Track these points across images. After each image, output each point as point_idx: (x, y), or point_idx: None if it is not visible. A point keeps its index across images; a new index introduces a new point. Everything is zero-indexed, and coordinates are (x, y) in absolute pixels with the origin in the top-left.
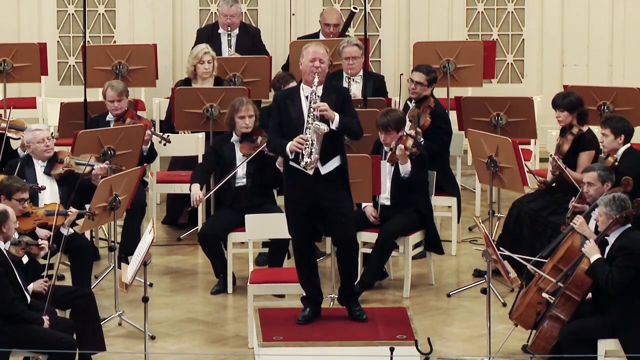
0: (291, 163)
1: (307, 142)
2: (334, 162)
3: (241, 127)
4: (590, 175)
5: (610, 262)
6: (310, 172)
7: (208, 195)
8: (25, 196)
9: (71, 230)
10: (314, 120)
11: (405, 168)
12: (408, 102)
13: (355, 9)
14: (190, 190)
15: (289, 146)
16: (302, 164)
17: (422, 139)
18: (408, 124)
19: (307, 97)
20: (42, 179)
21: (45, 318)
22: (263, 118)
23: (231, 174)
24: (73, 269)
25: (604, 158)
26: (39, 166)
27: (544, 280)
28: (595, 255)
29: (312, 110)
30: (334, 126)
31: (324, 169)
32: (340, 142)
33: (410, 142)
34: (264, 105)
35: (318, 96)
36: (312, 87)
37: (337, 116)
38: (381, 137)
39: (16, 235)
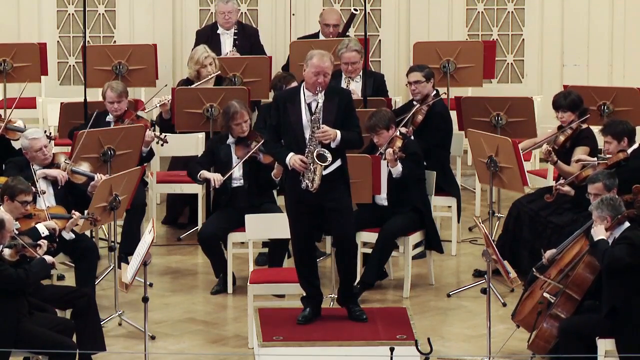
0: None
1: (309, 168)
2: (335, 164)
3: (238, 132)
4: (595, 186)
5: None
6: (313, 191)
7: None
8: (29, 199)
9: (72, 235)
10: (316, 146)
11: (396, 170)
12: (413, 102)
13: (356, 10)
14: (199, 178)
15: (290, 161)
16: (303, 185)
17: (411, 136)
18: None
19: (308, 104)
20: (38, 182)
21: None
22: (265, 114)
23: (235, 167)
24: (77, 271)
25: (602, 158)
26: (36, 170)
27: (549, 284)
28: (600, 236)
29: (314, 136)
30: (334, 145)
31: (326, 170)
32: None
33: (399, 143)
34: (265, 103)
35: (320, 106)
36: (316, 98)
37: (338, 134)
38: (375, 140)
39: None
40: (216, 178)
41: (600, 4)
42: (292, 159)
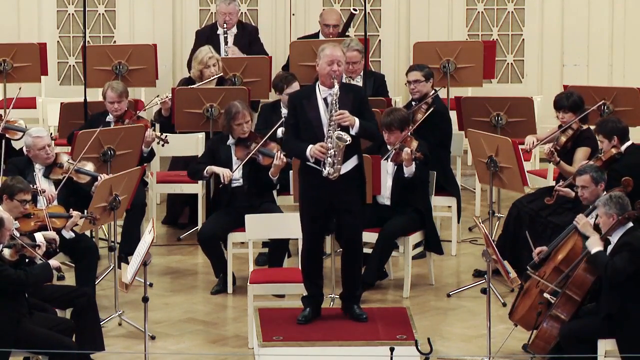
0: (309, 163)
1: (329, 153)
2: (352, 162)
3: (239, 133)
4: (582, 178)
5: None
6: (334, 179)
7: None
8: (28, 198)
9: (72, 234)
10: (335, 130)
11: (410, 170)
12: (412, 102)
13: (355, 10)
14: (205, 173)
15: (310, 152)
16: (325, 173)
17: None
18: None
19: (324, 98)
20: (40, 181)
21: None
22: (265, 115)
23: (236, 169)
24: (77, 271)
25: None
26: (38, 169)
27: (544, 281)
28: (597, 248)
29: (332, 119)
30: (353, 132)
31: (343, 169)
32: (357, 142)
33: (414, 144)
34: (265, 103)
35: (337, 98)
36: (332, 91)
37: (357, 121)
38: (385, 136)
39: (16, 233)
40: (225, 173)
41: (600, 4)
42: (312, 149)
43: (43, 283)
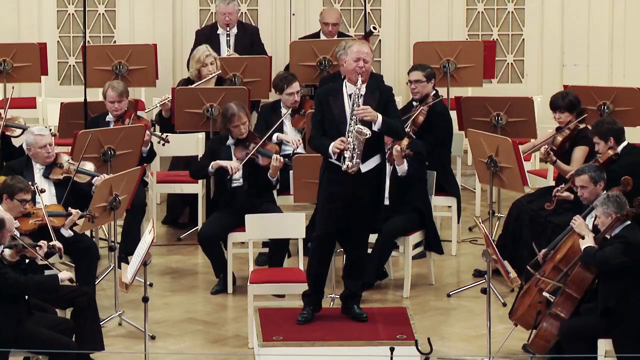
0: (332, 160)
1: (349, 146)
2: (375, 160)
3: (236, 134)
4: (582, 178)
5: None
6: (352, 173)
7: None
8: (28, 197)
9: (71, 232)
10: (356, 124)
11: (402, 168)
12: (413, 102)
13: (375, 29)
14: (211, 169)
15: (332, 148)
16: (344, 167)
17: (413, 136)
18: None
19: (350, 95)
20: (40, 181)
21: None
22: (265, 115)
23: (236, 170)
24: (77, 271)
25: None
26: (38, 169)
27: (544, 281)
28: (587, 244)
29: (354, 113)
30: (376, 128)
31: (365, 167)
32: (381, 141)
33: (405, 142)
34: (264, 103)
35: (361, 96)
36: (356, 87)
37: (379, 117)
38: None
39: (17, 233)
40: (233, 165)
41: (600, 4)
42: (333, 144)
43: (45, 293)
